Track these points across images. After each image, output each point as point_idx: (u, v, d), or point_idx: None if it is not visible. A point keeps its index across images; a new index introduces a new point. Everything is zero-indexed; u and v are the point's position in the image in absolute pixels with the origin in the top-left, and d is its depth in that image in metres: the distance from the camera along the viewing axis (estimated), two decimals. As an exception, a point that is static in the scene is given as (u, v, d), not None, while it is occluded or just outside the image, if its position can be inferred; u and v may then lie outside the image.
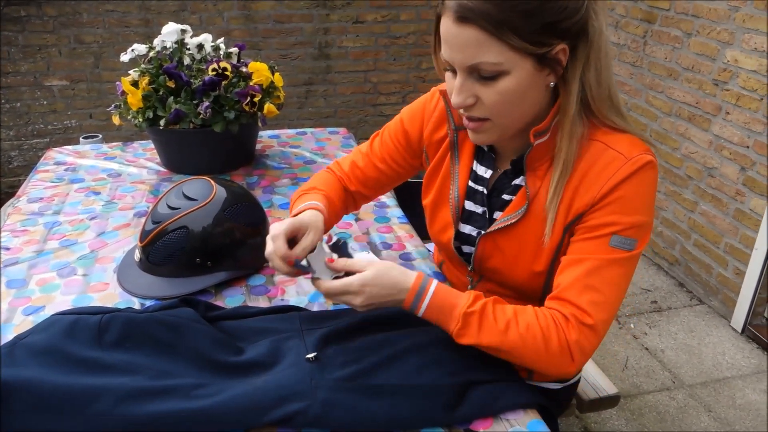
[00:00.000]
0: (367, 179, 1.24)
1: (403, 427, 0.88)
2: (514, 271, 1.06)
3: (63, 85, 3.41)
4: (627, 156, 0.93)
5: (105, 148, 1.89)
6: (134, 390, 0.87)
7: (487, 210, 1.09)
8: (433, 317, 0.95)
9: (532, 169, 1.01)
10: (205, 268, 1.19)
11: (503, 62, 0.88)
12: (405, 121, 1.19)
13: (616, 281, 0.95)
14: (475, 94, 0.92)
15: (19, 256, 1.29)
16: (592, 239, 0.95)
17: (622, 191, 0.93)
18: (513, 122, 0.96)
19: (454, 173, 1.12)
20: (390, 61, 3.85)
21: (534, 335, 0.93)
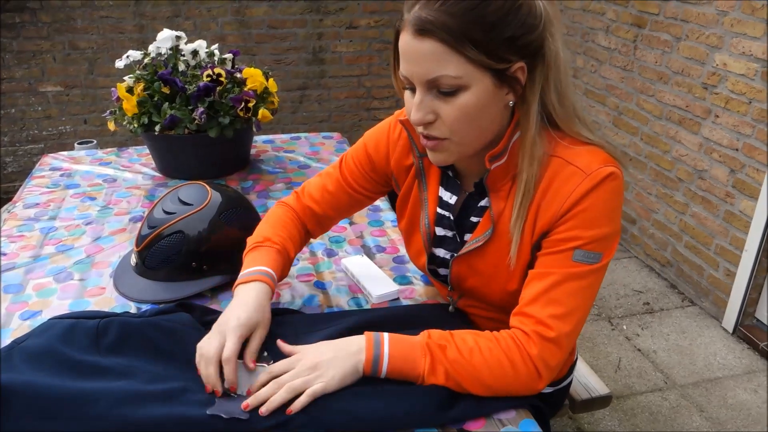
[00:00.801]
0: (338, 203, 1.21)
1: (396, 428, 0.89)
2: (489, 289, 1.06)
3: (57, 90, 3.42)
4: (586, 171, 0.93)
5: (100, 154, 1.90)
6: (131, 393, 0.88)
7: (456, 234, 1.09)
8: (399, 355, 0.92)
9: (495, 190, 1.00)
10: (200, 272, 1.20)
11: (462, 76, 0.87)
12: (369, 147, 1.17)
13: (579, 294, 0.94)
14: (434, 110, 0.90)
15: (16, 261, 1.30)
16: (555, 254, 0.95)
17: (582, 206, 0.92)
18: (472, 141, 0.95)
19: (423, 200, 1.11)
20: (383, 66, 3.87)
21: (499, 359, 0.92)
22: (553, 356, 0.93)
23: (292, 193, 1.25)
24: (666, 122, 2.77)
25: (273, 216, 1.20)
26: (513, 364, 0.92)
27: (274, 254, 1.10)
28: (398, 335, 0.94)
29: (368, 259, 1.31)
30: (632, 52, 2.92)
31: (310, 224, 1.22)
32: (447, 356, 0.91)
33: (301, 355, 0.93)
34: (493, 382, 0.92)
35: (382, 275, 1.25)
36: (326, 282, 1.26)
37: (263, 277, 1.04)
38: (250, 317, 0.97)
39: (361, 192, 1.20)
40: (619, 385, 2.28)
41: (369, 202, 1.23)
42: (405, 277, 1.29)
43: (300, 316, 1.11)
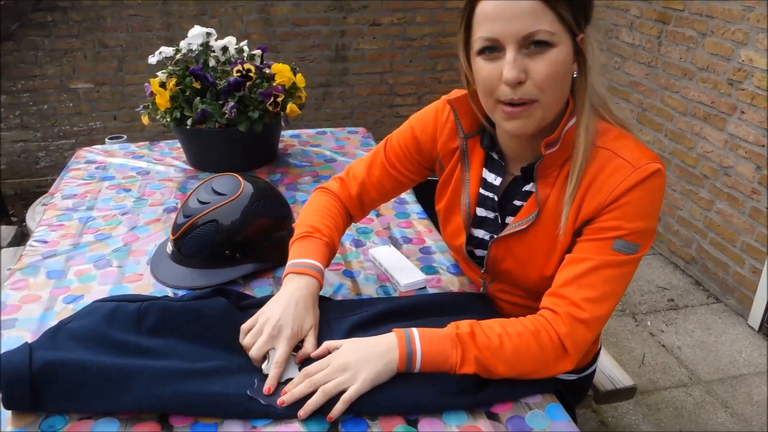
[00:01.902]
0: (382, 185, 1.24)
1: (426, 411, 0.92)
2: (525, 273, 1.09)
3: (88, 87, 3.50)
4: (635, 165, 0.96)
5: (133, 148, 1.95)
6: (172, 371, 0.92)
7: (498, 215, 1.12)
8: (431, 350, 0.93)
9: (543, 176, 1.03)
10: (233, 260, 1.24)
11: (556, 33, 0.91)
12: (416, 130, 1.19)
13: (614, 281, 0.97)
14: (525, 69, 0.92)
15: (57, 249, 1.35)
16: (595, 240, 0.98)
17: (628, 198, 0.95)
18: (555, 103, 0.97)
19: (464, 180, 1.14)
20: (406, 63, 3.90)
21: (527, 341, 0.95)
22: (583, 337, 0.96)
23: (334, 179, 1.28)
24: (691, 118, 2.76)
25: (317, 204, 1.23)
26: (540, 344, 0.94)
27: (322, 247, 1.13)
28: (427, 329, 0.96)
29: (395, 249, 1.34)
30: (656, 48, 2.92)
31: (353, 209, 1.26)
32: (477, 343, 0.94)
33: (333, 356, 0.95)
34: (522, 365, 0.94)
35: (409, 265, 1.28)
36: (355, 271, 1.29)
37: (315, 272, 1.07)
38: (302, 325, 1.00)
39: (404, 174, 1.23)
40: (643, 380, 2.28)
41: (411, 184, 1.26)
42: (432, 267, 1.31)
43: (330, 303, 1.14)
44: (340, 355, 0.94)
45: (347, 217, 1.26)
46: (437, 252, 1.37)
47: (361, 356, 0.93)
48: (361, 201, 1.25)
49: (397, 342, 0.94)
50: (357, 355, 0.93)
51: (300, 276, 1.06)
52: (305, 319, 1.02)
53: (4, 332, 1.09)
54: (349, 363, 0.92)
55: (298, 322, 1.00)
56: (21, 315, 1.13)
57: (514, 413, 0.93)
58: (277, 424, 0.90)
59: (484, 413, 0.93)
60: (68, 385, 0.90)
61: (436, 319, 1.04)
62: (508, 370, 0.94)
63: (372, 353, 0.93)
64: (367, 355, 0.93)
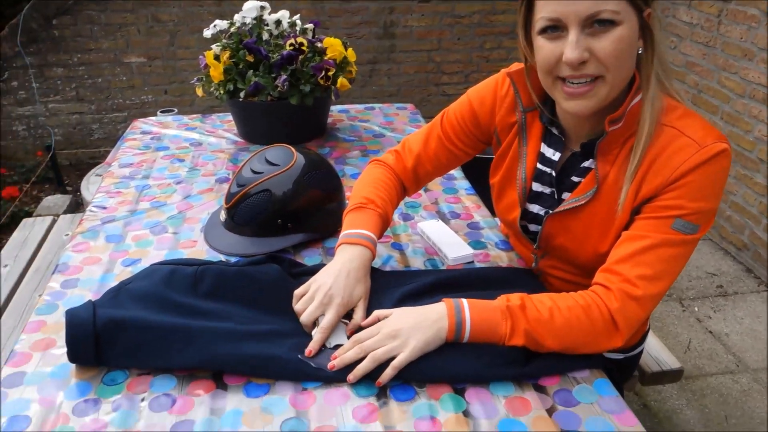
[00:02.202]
0: (437, 158, 1.24)
1: (474, 380, 0.93)
2: (579, 250, 1.08)
3: (141, 62, 3.58)
4: (700, 143, 0.94)
5: (185, 120, 1.99)
6: (227, 332, 0.95)
7: (555, 191, 1.11)
8: (481, 319, 0.94)
9: (603, 153, 1.02)
10: (285, 229, 1.27)
11: (620, 11, 0.89)
12: (474, 103, 1.19)
13: (670, 261, 0.96)
14: (588, 48, 0.91)
15: (115, 215, 1.40)
16: (655, 219, 0.96)
17: (691, 177, 0.94)
18: (620, 80, 0.95)
19: (522, 155, 1.13)
20: (454, 41, 3.86)
21: (577, 315, 0.94)
22: (634, 314, 0.95)
23: (390, 152, 1.29)
24: (749, 101, 2.67)
25: (372, 176, 1.24)
26: (590, 318, 0.94)
27: (376, 218, 1.14)
28: (477, 300, 0.97)
29: (443, 224, 1.35)
30: (716, 27, 2.82)
31: (407, 181, 1.27)
32: (527, 316, 0.94)
33: (383, 323, 0.97)
34: (571, 338, 0.94)
35: (457, 239, 1.28)
36: (403, 244, 1.31)
37: (367, 242, 1.09)
38: (352, 293, 1.02)
39: (460, 147, 1.23)
40: (689, 365, 2.25)
41: (466, 158, 1.26)
42: (480, 243, 1.32)
43: (380, 273, 1.16)
44: (391, 323, 0.96)
45: (401, 189, 1.27)
46: (485, 227, 1.37)
47: (410, 324, 0.94)
48: (416, 173, 1.26)
49: (446, 311, 0.95)
50: (407, 323, 0.95)
51: (352, 246, 1.08)
52: (356, 288, 1.04)
53: (68, 291, 1.14)
54: (399, 330, 0.94)
55: (348, 291, 1.02)
56: (82, 276, 1.18)
57: (561, 386, 0.93)
58: (327, 387, 0.92)
59: (531, 385, 0.93)
60: (129, 343, 0.94)
61: (485, 292, 1.05)
62: (557, 344, 0.94)
63: (421, 322, 0.95)
64: (417, 324, 0.94)
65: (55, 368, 0.96)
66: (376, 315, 1.00)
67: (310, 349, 0.95)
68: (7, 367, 0.96)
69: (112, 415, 0.87)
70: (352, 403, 0.90)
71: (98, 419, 0.86)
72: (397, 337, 0.93)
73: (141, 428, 0.85)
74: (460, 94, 1.24)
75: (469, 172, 1.64)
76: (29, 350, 0.99)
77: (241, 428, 0.85)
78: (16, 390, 0.91)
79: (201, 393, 0.91)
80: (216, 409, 0.88)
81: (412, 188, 1.29)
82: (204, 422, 0.86)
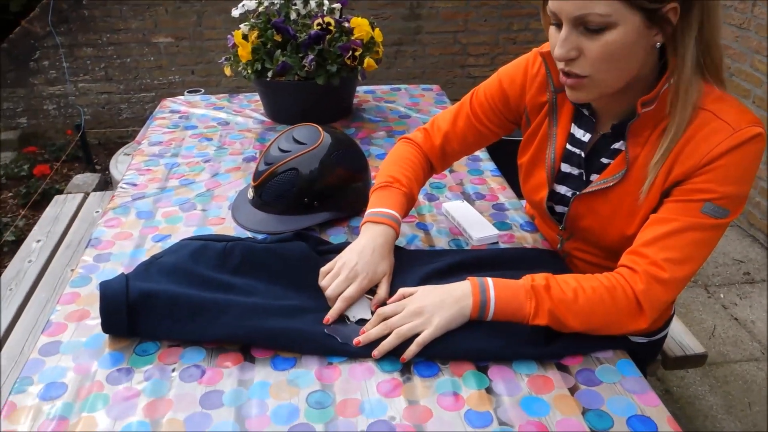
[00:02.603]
0: (465, 137, 1.24)
1: (496, 359, 0.94)
2: (605, 232, 1.08)
3: (168, 42, 3.61)
4: (734, 127, 0.92)
5: (213, 99, 2.01)
6: (255, 306, 0.97)
7: (584, 172, 1.10)
8: (505, 298, 0.95)
9: (634, 135, 1.01)
10: (311, 207, 1.28)
11: (611, 14, 0.87)
12: (504, 82, 1.19)
13: (698, 245, 0.95)
14: (578, 47, 0.92)
15: (146, 192, 1.42)
16: (684, 202, 0.96)
17: (723, 161, 0.92)
18: (612, 80, 0.95)
19: (551, 135, 1.13)
20: (480, 22, 3.83)
21: (601, 296, 0.94)
22: (660, 297, 0.95)
23: (419, 130, 1.30)
24: (782, 84, 2.62)
25: (399, 154, 1.25)
26: (615, 300, 0.94)
27: (401, 197, 1.15)
28: (502, 279, 0.98)
29: (468, 204, 1.35)
30: (750, 9, 2.76)
31: (435, 159, 1.27)
32: (551, 296, 0.94)
33: (408, 300, 0.98)
34: (595, 319, 0.95)
35: (482, 219, 1.29)
36: (428, 224, 1.32)
37: (391, 221, 1.10)
38: (376, 270, 1.04)
39: (488, 127, 1.23)
40: (713, 352, 2.24)
41: (494, 138, 1.26)
42: (505, 224, 1.32)
43: (405, 252, 1.17)
44: (416, 300, 0.97)
45: (428, 168, 1.28)
46: (510, 209, 1.38)
47: (435, 301, 0.96)
48: (444, 151, 1.26)
49: (471, 289, 0.96)
50: (431, 301, 0.96)
51: (377, 225, 1.10)
52: (380, 264, 1.05)
53: (101, 265, 1.17)
54: (424, 308, 0.95)
55: (372, 267, 1.04)
56: (114, 250, 1.21)
57: (584, 366, 0.94)
58: (351, 362, 0.94)
59: (554, 364, 0.94)
60: (160, 314, 0.96)
61: (510, 272, 1.05)
62: (581, 324, 0.95)
63: (446, 299, 0.96)
64: (441, 301, 0.95)
65: (90, 338, 0.99)
66: (401, 292, 1.01)
67: (329, 317, 0.98)
68: (44, 336, 0.99)
69: (144, 384, 0.90)
70: (376, 377, 0.91)
71: (131, 387, 0.89)
72: (422, 314, 0.94)
73: (172, 397, 0.88)
74: (485, 76, 1.23)
75: (495, 154, 1.63)
76: (64, 321, 1.03)
77: (268, 399, 0.88)
78: (52, 358, 0.95)
79: (229, 365, 0.93)
80: (244, 380, 0.91)
81: (440, 166, 1.30)
82: (232, 393, 0.89)
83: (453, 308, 0.95)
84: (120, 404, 0.86)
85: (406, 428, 0.83)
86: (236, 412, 0.85)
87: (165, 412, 0.85)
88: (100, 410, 0.86)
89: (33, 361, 0.94)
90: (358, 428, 0.83)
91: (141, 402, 0.87)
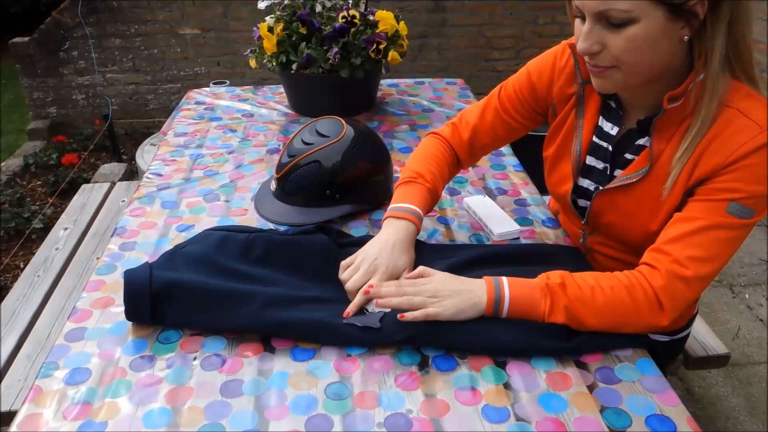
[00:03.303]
0: (494, 131, 1.24)
1: (515, 354, 0.94)
2: (628, 228, 1.07)
3: (195, 33, 3.64)
4: (762, 126, 0.91)
5: (238, 91, 2.03)
6: (276, 297, 0.98)
7: (609, 166, 1.10)
8: (519, 295, 0.95)
9: (659, 131, 1.00)
10: (333, 200, 1.29)
11: (633, 9, 0.87)
12: (533, 75, 1.18)
13: (722, 244, 0.94)
14: (601, 41, 0.92)
15: (170, 182, 1.44)
16: (709, 201, 0.94)
17: (750, 160, 0.91)
18: (640, 71, 0.95)
19: (577, 127, 1.13)
20: (506, 15, 3.80)
21: (620, 294, 0.94)
22: (681, 294, 0.94)
23: (447, 124, 1.29)
24: (815, 82, 2.56)
25: (426, 149, 1.25)
26: (633, 298, 0.94)
27: (424, 193, 1.16)
28: (516, 278, 0.98)
29: (490, 199, 1.35)
30: (783, 4, 2.70)
31: (462, 154, 1.27)
32: (567, 294, 0.94)
33: (428, 280, 0.99)
34: (613, 317, 0.94)
35: (503, 215, 1.29)
36: (449, 218, 1.32)
37: (413, 217, 1.11)
38: (396, 265, 1.05)
39: (517, 120, 1.22)
40: (736, 353, 2.20)
41: (524, 131, 1.25)
42: (526, 219, 1.31)
43: (425, 246, 1.17)
44: (434, 282, 0.99)
45: (455, 163, 1.28)
46: (532, 204, 1.37)
47: (451, 289, 0.97)
48: (472, 146, 1.26)
49: (486, 287, 0.97)
50: (448, 287, 0.97)
51: (399, 220, 1.10)
52: (399, 260, 1.06)
53: (126, 253, 1.19)
54: (439, 291, 0.97)
55: (393, 262, 1.05)
56: (139, 239, 1.23)
57: (603, 364, 0.94)
58: (370, 354, 0.95)
59: (573, 361, 0.94)
60: (183, 304, 0.98)
61: (529, 268, 1.05)
62: (599, 322, 0.94)
63: (461, 290, 0.97)
64: (457, 291, 0.97)
65: (114, 325, 1.01)
66: (420, 271, 1.02)
67: (349, 310, 0.99)
68: (69, 323, 1.02)
69: (166, 371, 0.91)
70: (394, 370, 0.92)
71: (153, 375, 0.91)
72: (436, 296, 0.96)
73: (193, 385, 0.89)
74: (510, 70, 1.23)
75: (518, 149, 1.62)
76: (90, 307, 1.05)
77: (287, 389, 0.89)
78: (78, 344, 0.97)
79: (249, 355, 0.95)
80: (263, 370, 0.92)
81: (467, 161, 1.29)
82: (252, 382, 0.90)
83: (466, 301, 0.96)
84: (142, 390, 0.88)
85: (423, 422, 0.83)
86: (255, 402, 0.87)
87: (186, 400, 0.87)
88: (123, 396, 0.87)
89: (59, 347, 0.97)
90: (375, 420, 0.84)
91: (163, 389, 0.88)
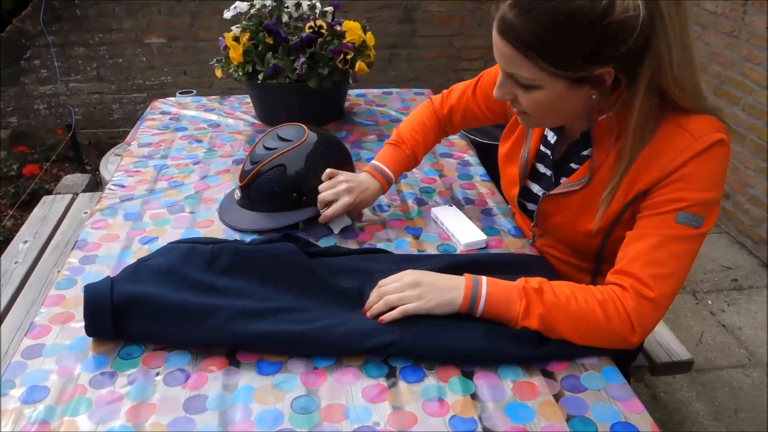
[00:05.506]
0: (464, 115, 1.37)
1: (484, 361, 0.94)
2: (572, 230, 1.11)
3: (161, 42, 3.60)
4: (695, 135, 0.93)
5: (204, 101, 2.01)
6: (243, 310, 0.97)
7: (553, 174, 1.14)
8: (496, 295, 0.96)
9: (601, 142, 1.03)
10: (299, 203, 1.28)
11: (535, 79, 0.92)
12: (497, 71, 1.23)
13: (680, 257, 0.95)
14: (513, 92, 0.99)
15: (134, 193, 1.42)
16: (657, 215, 0.96)
17: (688, 169, 0.93)
18: (551, 121, 1.04)
19: (528, 135, 1.18)
20: (475, 26, 3.84)
21: (593, 307, 0.94)
22: (649, 316, 0.95)
23: (442, 93, 1.43)
24: (772, 92, 2.63)
25: (416, 117, 1.41)
26: (606, 313, 0.94)
27: (402, 158, 1.34)
28: (496, 279, 0.99)
29: (457, 209, 1.35)
30: (741, 17, 2.78)
31: (446, 125, 1.42)
32: (543, 300, 0.95)
33: (407, 273, 1.01)
34: (587, 331, 0.95)
35: (470, 225, 1.29)
36: (416, 228, 1.31)
37: (382, 179, 1.30)
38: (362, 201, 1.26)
39: (483, 111, 1.34)
40: (700, 358, 2.24)
41: (487, 122, 1.38)
42: (493, 229, 1.32)
43: (394, 255, 1.17)
44: (415, 274, 1.00)
45: (440, 132, 1.43)
46: (499, 214, 1.38)
47: (431, 281, 0.99)
48: (451, 120, 1.41)
49: (464, 283, 0.98)
50: (428, 279, 0.99)
51: (372, 179, 1.29)
52: (365, 201, 1.26)
53: (87, 267, 1.16)
54: (419, 282, 0.98)
55: (360, 198, 1.25)
56: (101, 252, 1.21)
57: (569, 372, 0.94)
58: (337, 367, 0.94)
59: (539, 370, 0.94)
60: (145, 318, 0.96)
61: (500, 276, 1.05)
62: (571, 332, 0.95)
63: (440, 284, 0.98)
64: (436, 284, 0.98)
65: (74, 341, 0.98)
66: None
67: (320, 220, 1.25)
68: (27, 339, 0.99)
69: (127, 387, 0.89)
70: (362, 382, 0.91)
71: (114, 391, 0.89)
72: (417, 287, 0.97)
73: (155, 401, 0.87)
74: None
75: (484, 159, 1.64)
76: (48, 323, 1.02)
77: (252, 404, 0.87)
78: (35, 361, 0.94)
79: (214, 369, 0.93)
80: (229, 385, 0.90)
81: (450, 131, 1.45)
82: (217, 397, 0.88)
83: (445, 295, 0.97)
84: (103, 408, 0.86)
85: (390, 434, 0.83)
86: (220, 417, 0.85)
87: (148, 417, 0.85)
88: (83, 414, 0.85)
89: (15, 364, 0.94)
90: (342, 434, 0.83)
91: (124, 406, 0.86)
